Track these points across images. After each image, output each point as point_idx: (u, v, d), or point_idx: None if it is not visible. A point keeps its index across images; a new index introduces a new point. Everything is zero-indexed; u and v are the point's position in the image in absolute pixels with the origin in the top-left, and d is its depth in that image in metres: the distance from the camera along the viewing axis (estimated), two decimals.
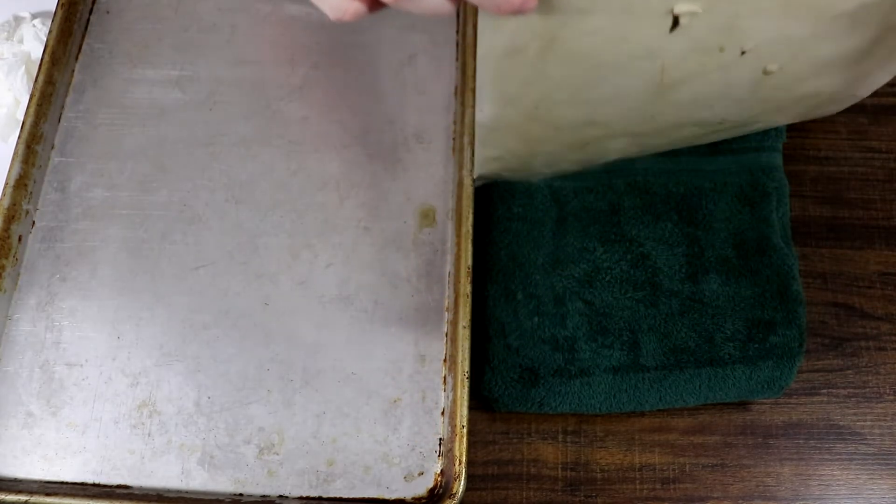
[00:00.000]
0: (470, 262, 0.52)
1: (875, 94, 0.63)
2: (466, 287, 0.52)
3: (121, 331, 0.53)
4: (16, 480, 0.48)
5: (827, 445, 0.53)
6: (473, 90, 0.58)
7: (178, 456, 0.49)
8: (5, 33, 0.61)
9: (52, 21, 0.57)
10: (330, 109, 0.61)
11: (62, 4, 0.58)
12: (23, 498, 0.45)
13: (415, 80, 0.61)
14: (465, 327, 0.51)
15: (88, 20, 0.62)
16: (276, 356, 0.52)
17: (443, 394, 0.51)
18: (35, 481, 0.48)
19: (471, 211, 0.54)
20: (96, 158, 0.57)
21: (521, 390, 0.50)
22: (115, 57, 0.61)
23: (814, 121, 0.62)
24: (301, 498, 0.48)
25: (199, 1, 0.63)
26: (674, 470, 0.52)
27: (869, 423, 0.53)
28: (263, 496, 0.48)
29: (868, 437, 0.53)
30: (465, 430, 0.48)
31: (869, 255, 0.58)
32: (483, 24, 0.50)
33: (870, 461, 0.52)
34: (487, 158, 0.55)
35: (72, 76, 0.60)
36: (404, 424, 0.50)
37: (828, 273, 0.58)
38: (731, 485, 0.51)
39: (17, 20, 0.61)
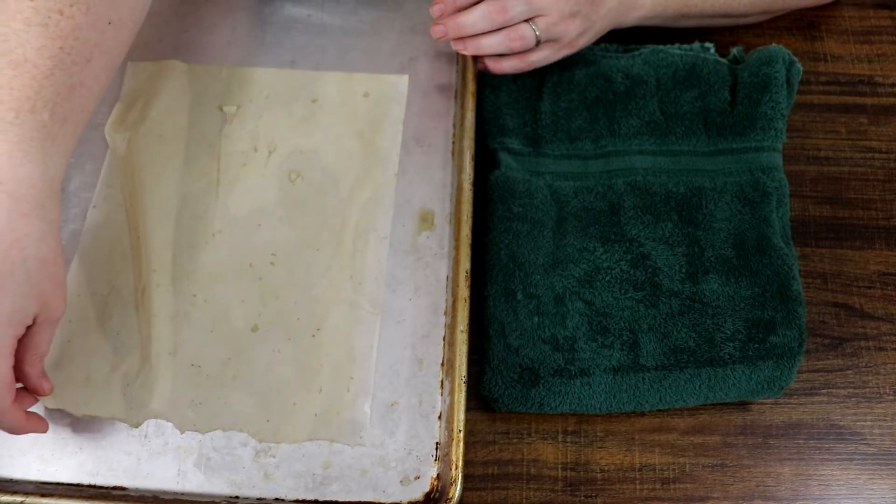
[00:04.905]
0: (468, 266, 0.52)
1: (875, 94, 0.63)
2: (465, 291, 0.51)
3: None
4: (11, 481, 0.47)
5: (827, 445, 0.53)
6: (474, 93, 0.58)
7: (174, 458, 0.49)
8: None
9: None
10: None
11: None
12: (18, 499, 0.45)
13: (415, 83, 0.61)
14: (462, 331, 0.50)
15: None
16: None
17: (440, 398, 0.51)
18: (31, 482, 0.48)
19: (469, 215, 0.54)
20: (96, 158, 0.57)
21: (521, 390, 0.50)
22: None
23: (814, 121, 0.62)
24: (297, 501, 0.48)
25: (199, 1, 0.63)
26: (674, 470, 0.52)
27: (869, 423, 0.53)
28: (259, 499, 0.48)
29: (868, 437, 0.53)
30: (461, 434, 0.48)
31: (869, 255, 0.58)
32: None
33: (870, 461, 0.52)
34: None
35: None
36: (401, 428, 0.50)
37: (828, 273, 0.58)
38: (731, 485, 0.51)
39: None
